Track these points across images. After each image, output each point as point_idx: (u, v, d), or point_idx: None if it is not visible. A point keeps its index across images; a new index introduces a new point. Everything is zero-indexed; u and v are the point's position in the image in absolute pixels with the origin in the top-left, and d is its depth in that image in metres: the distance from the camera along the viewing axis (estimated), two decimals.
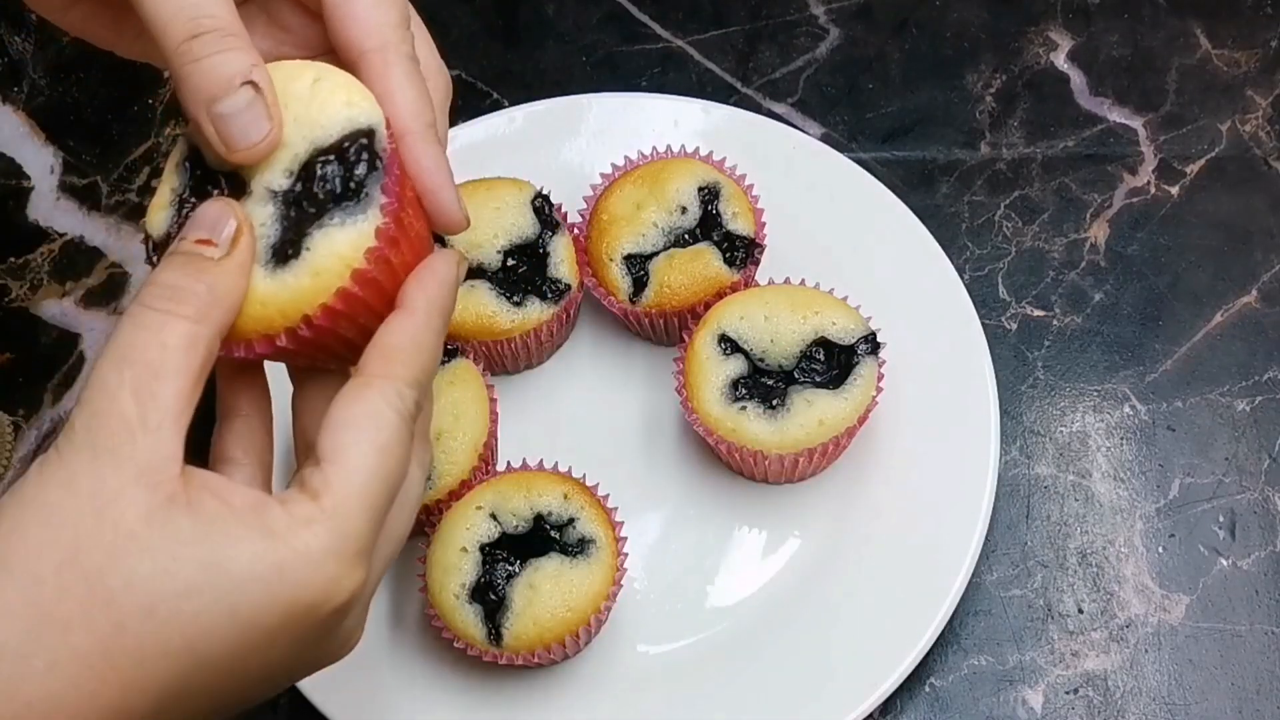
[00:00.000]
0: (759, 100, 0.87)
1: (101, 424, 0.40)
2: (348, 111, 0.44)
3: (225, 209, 0.43)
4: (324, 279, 0.43)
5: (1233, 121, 0.85)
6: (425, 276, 0.45)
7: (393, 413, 0.43)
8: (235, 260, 0.43)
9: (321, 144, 0.44)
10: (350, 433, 0.42)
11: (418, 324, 0.44)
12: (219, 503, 0.40)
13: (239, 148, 0.43)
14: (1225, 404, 0.76)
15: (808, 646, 0.68)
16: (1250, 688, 0.68)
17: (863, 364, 0.70)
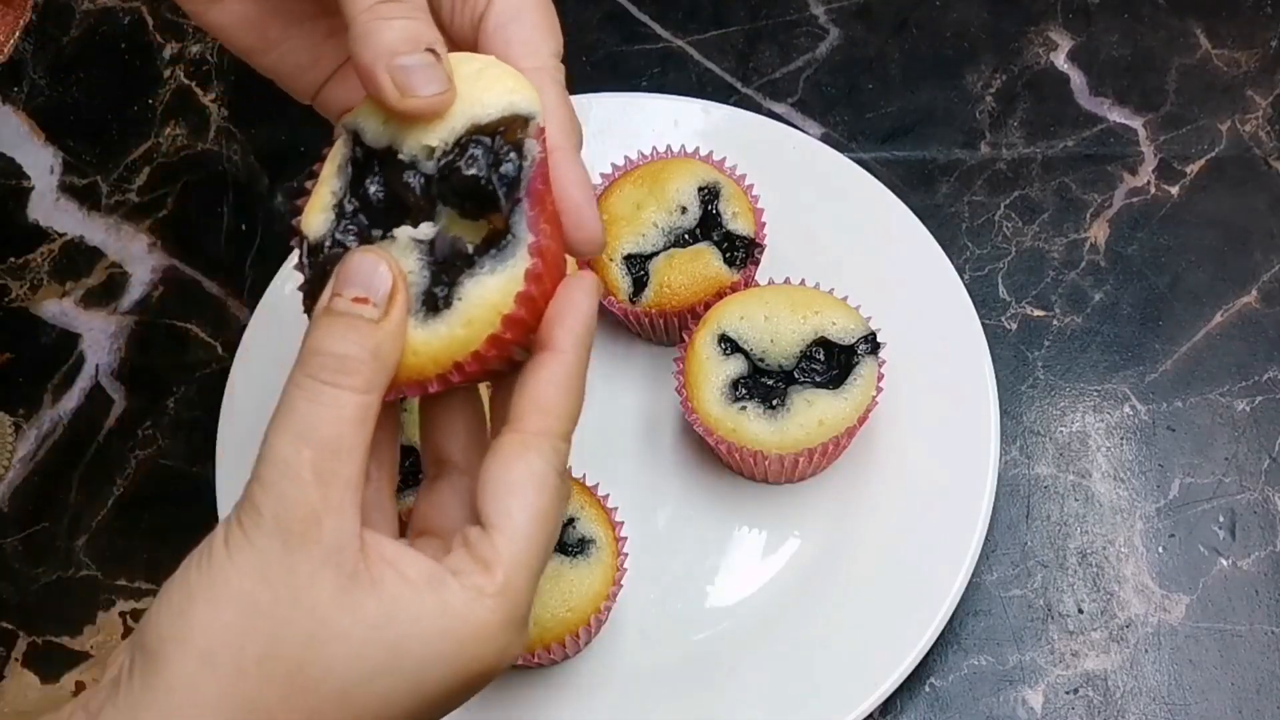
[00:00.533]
0: (759, 100, 0.87)
1: (289, 510, 0.40)
2: (510, 96, 0.44)
3: (378, 262, 0.42)
4: (476, 328, 0.43)
5: (1233, 121, 0.85)
6: (568, 313, 0.45)
7: (553, 473, 0.44)
8: (394, 320, 0.43)
9: (480, 121, 0.44)
10: (516, 499, 0.43)
11: (567, 369, 0.45)
12: (398, 578, 0.41)
13: (414, 93, 0.43)
14: (1225, 404, 0.76)
15: (808, 646, 0.68)
16: (1250, 688, 0.68)
17: (863, 364, 0.70)
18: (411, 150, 0.44)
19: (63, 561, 0.76)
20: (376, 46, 0.43)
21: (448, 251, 0.43)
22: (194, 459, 0.78)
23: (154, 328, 0.83)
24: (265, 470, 0.41)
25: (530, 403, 0.44)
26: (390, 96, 0.43)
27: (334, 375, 0.41)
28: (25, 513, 0.77)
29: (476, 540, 0.43)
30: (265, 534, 0.40)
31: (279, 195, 0.86)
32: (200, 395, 0.80)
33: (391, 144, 0.44)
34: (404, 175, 0.44)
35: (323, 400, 0.41)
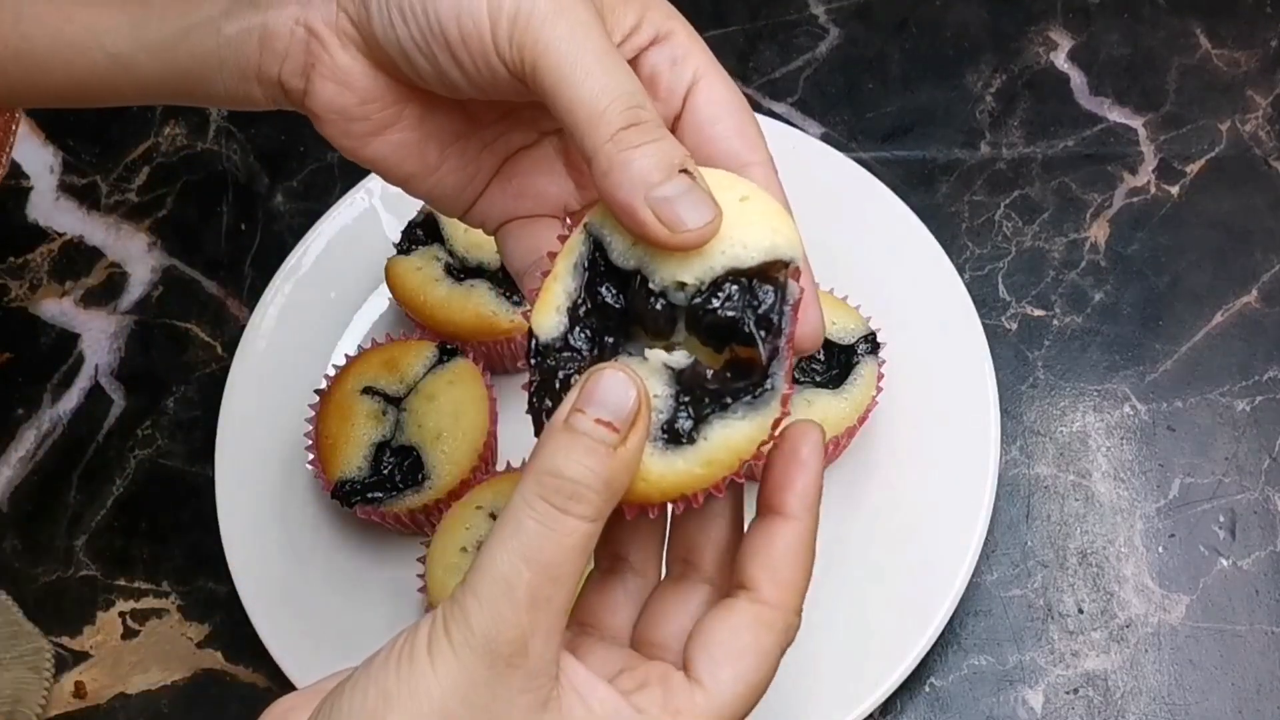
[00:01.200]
0: (759, 100, 0.87)
1: (501, 632, 0.40)
2: (774, 238, 0.41)
3: (630, 385, 0.40)
4: (715, 469, 0.42)
5: (1233, 121, 0.85)
6: (798, 475, 0.45)
7: (778, 650, 0.44)
8: (632, 449, 0.41)
9: (740, 265, 0.41)
10: (733, 667, 0.42)
11: (802, 538, 0.45)
12: (584, 711, 0.41)
13: (684, 229, 0.40)
14: (1225, 404, 0.76)
15: (808, 646, 0.68)
16: (1250, 688, 0.68)
17: (863, 364, 0.70)
18: (662, 281, 0.41)
19: (62, 561, 0.76)
20: (632, 181, 0.41)
21: (698, 384, 0.41)
22: (193, 459, 0.78)
23: (153, 327, 0.83)
24: (483, 584, 0.40)
25: (768, 572, 0.44)
26: (660, 235, 0.40)
27: (565, 501, 0.40)
28: (25, 513, 0.77)
29: (677, 687, 0.42)
30: (473, 652, 0.40)
31: (279, 195, 0.86)
32: (200, 395, 0.80)
33: (639, 268, 0.42)
34: (650, 300, 0.41)
35: (551, 524, 0.40)
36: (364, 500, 0.69)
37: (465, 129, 0.50)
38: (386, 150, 0.49)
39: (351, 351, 0.75)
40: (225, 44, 0.47)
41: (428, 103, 0.48)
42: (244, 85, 0.48)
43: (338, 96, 0.47)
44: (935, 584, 0.68)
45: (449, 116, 0.49)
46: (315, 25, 0.46)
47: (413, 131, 0.49)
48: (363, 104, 0.47)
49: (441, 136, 0.49)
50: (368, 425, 0.70)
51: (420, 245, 0.75)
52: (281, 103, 0.49)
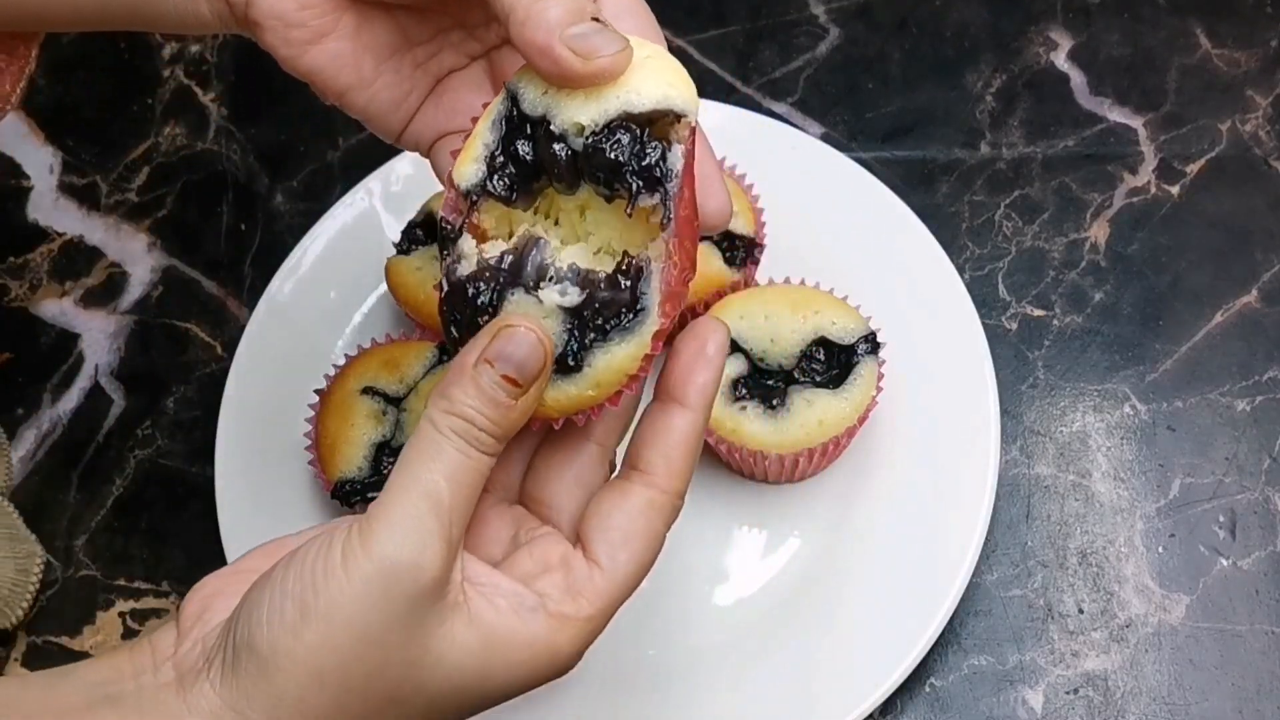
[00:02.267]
0: (759, 100, 0.87)
1: (424, 548, 0.43)
2: (667, 90, 0.46)
3: (537, 346, 0.45)
4: (603, 390, 0.46)
5: (1233, 121, 0.85)
6: (700, 368, 0.48)
7: (667, 528, 0.48)
8: (531, 398, 0.45)
9: (632, 109, 0.45)
10: (629, 550, 0.47)
11: (696, 428, 0.48)
12: (490, 608, 0.45)
13: (597, 56, 0.44)
14: (1225, 404, 0.76)
15: (808, 646, 0.68)
16: (1250, 688, 0.68)
17: (863, 364, 0.70)
18: (563, 124, 0.45)
19: (62, 561, 0.76)
20: (549, 23, 0.44)
21: (584, 318, 0.45)
22: (193, 459, 0.78)
23: (153, 327, 0.83)
24: (406, 501, 0.43)
25: (663, 459, 0.47)
26: (574, 65, 0.44)
27: (458, 440, 0.44)
28: (25, 513, 0.77)
29: (576, 569, 0.46)
30: (381, 563, 0.43)
31: (279, 195, 0.86)
32: (199, 395, 0.80)
33: (546, 114, 0.45)
34: (553, 145, 0.45)
35: (442, 457, 0.44)
36: (364, 500, 0.69)
37: (399, 44, 0.53)
38: (324, 60, 0.51)
39: (351, 351, 0.75)
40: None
41: (361, 13, 0.51)
42: (192, 3, 0.51)
43: (277, 2, 0.50)
44: (935, 584, 0.68)
45: (384, 29, 0.52)
46: None
47: (348, 41, 0.51)
48: (301, 9, 0.50)
49: (377, 49, 0.52)
50: (368, 425, 0.70)
51: (420, 245, 0.75)
52: (225, 18, 0.52)
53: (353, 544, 0.43)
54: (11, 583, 0.73)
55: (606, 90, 0.45)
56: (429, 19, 0.53)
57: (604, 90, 0.45)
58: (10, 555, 0.73)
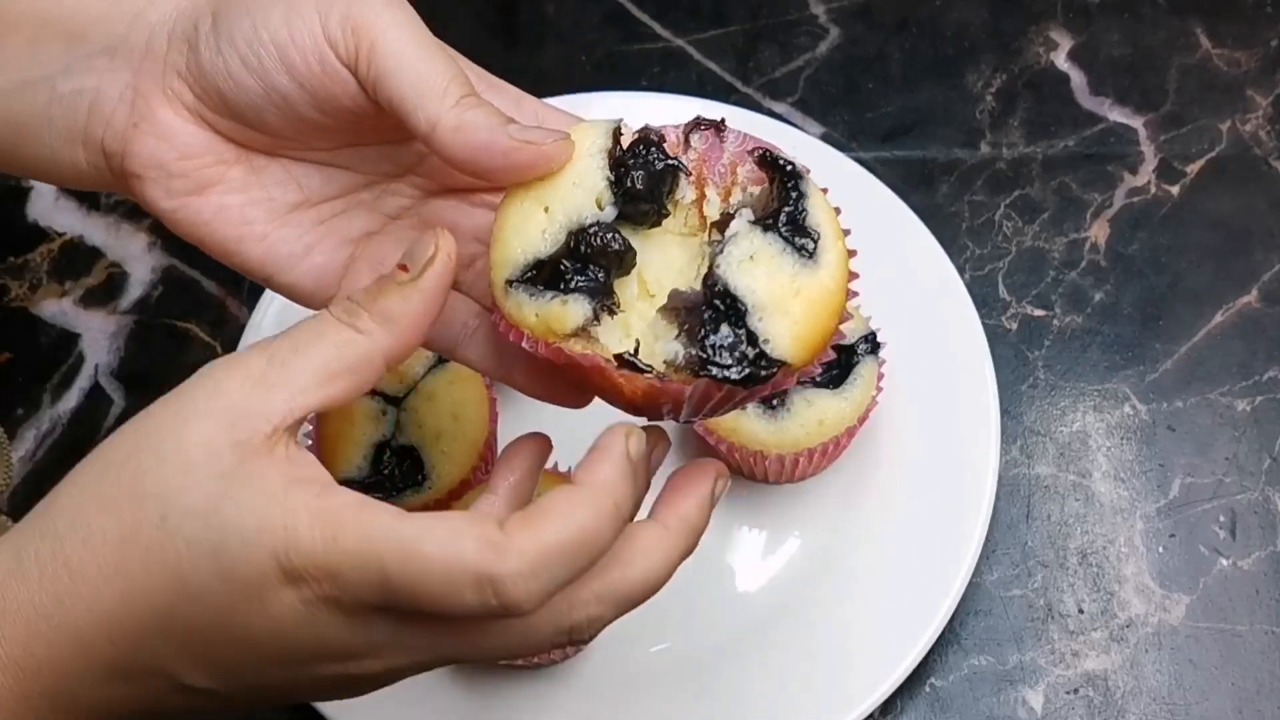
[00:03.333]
0: (759, 100, 0.87)
1: (233, 368, 0.43)
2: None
3: (429, 242, 0.45)
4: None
5: (1233, 121, 0.85)
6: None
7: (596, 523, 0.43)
8: (420, 286, 0.44)
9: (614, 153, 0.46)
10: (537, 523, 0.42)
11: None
12: (277, 469, 0.42)
13: (550, 141, 0.45)
14: (1225, 404, 0.76)
15: (808, 646, 0.68)
16: (1250, 688, 0.68)
17: (863, 364, 0.70)
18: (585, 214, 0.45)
19: None
20: (489, 123, 0.45)
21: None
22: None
23: (153, 327, 0.83)
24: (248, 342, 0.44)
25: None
26: (527, 153, 0.45)
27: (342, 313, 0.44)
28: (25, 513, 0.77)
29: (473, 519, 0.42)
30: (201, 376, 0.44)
31: None
32: None
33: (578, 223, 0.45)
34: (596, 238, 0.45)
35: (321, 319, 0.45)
36: None
37: (297, 199, 0.51)
38: (208, 212, 0.50)
39: None
40: (57, 101, 0.49)
41: (253, 167, 0.50)
42: (69, 148, 0.50)
43: (157, 151, 0.49)
44: (935, 584, 0.68)
45: (278, 185, 0.50)
46: (143, 86, 0.48)
47: (235, 195, 0.50)
48: (182, 159, 0.49)
49: (269, 204, 0.50)
50: (368, 425, 0.70)
51: None
52: (101, 170, 0.50)
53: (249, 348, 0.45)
54: None
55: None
56: (333, 176, 0.51)
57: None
58: None
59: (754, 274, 0.44)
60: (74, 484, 0.44)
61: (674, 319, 0.44)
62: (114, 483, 0.43)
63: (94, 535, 0.42)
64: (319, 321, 0.44)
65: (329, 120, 0.48)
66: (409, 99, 0.45)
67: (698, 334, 0.43)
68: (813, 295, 0.44)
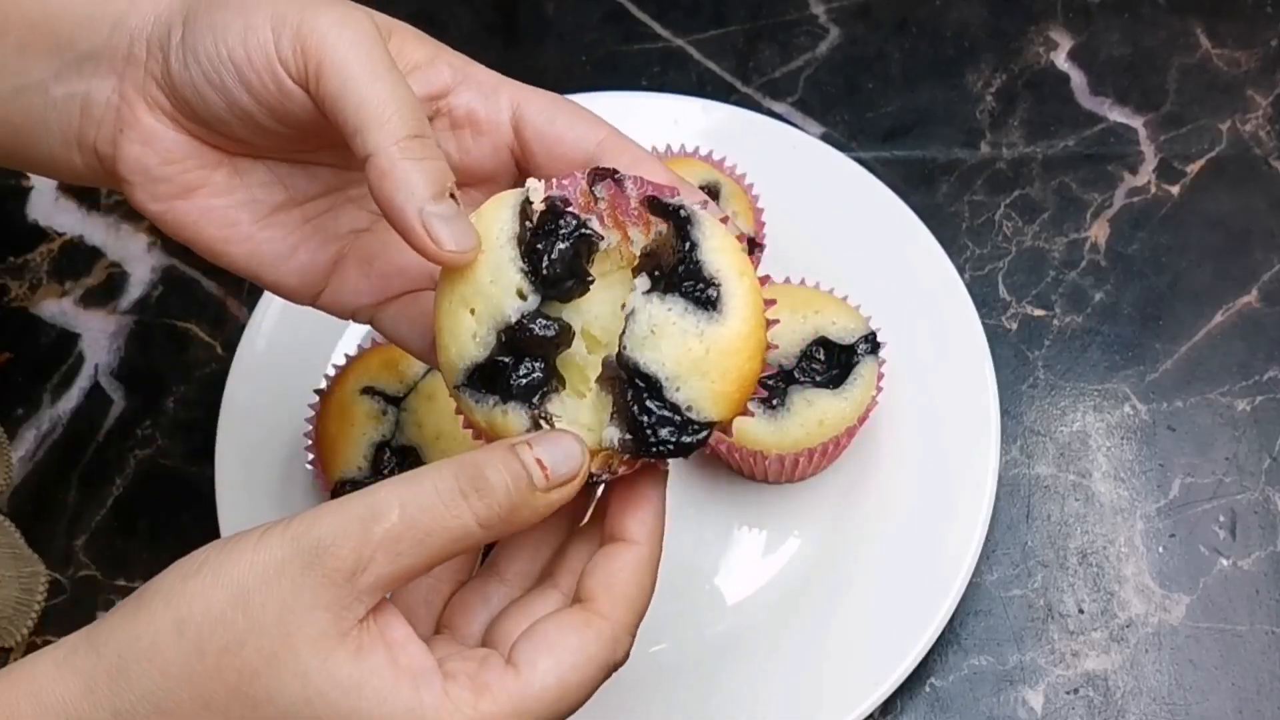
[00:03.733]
0: (759, 99, 0.87)
1: (337, 545, 0.41)
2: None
3: (578, 458, 0.44)
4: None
5: (1233, 121, 0.85)
6: (643, 507, 0.46)
7: (604, 657, 0.44)
8: (548, 500, 0.43)
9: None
10: (553, 658, 0.43)
11: (643, 561, 0.46)
12: (388, 659, 0.41)
13: (447, 248, 0.44)
14: (1225, 404, 0.76)
15: (807, 647, 0.68)
16: (1250, 688, 0.68)
17: (863, 364, 0.70)
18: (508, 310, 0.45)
19: (62, 561, 0.76)
20: (410, 191, 0.44)
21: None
22: (193, 459, 0.78)
23: (153, 327, 0.83)
24: (351, 503, 0.41)
25: (603, 587, 0.45)
26: (426, 247, 0.44)
27: (470, 488, 0.42)
28: (25, 513, 0.77)
29: (491, 664, 0.43)
30: (299, 546, 0.41)
31: None
32: (199, 395, 0.80)
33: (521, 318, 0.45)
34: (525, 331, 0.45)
35: (447, 499, 0.42)
36: None
37: (281, 199, 0.51)
38: (194, 214, 0.50)
39: (351, 351, 0.75)
40: (51, 106, 0.50)
41: (237, 169, 0.50)
42: (66, 150, 0.50)
43: (142, 156, 0.49)
44: (935, 584, 0.68)
45: (262, 186, 0.51)
46: (127, 92, 0.49)
47: (220, 198, 0.50)
48: (165, 164, 0.49)
49: (254, 206, 0.51)
50: (368, 425, 0.70)
51: None
52: (97, 171, 0.50)
53: (279, 524, 0.41)
54: (15, 602, 0.72)
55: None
56: (316, 175, 0.52)
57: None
58: (15, 575, 0.73)
59: (659, 347, 0.43)
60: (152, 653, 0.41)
61: (610, 389, 0.44)
62: (215, 677, 0.41)
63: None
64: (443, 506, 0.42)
65: (292, 132, 0.49)
66: (350, 123, 0.45)
67: (626, 416, 0.43)
68: (724, 347, 0.44)
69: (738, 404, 0.44)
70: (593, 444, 0.45)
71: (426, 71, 0.50)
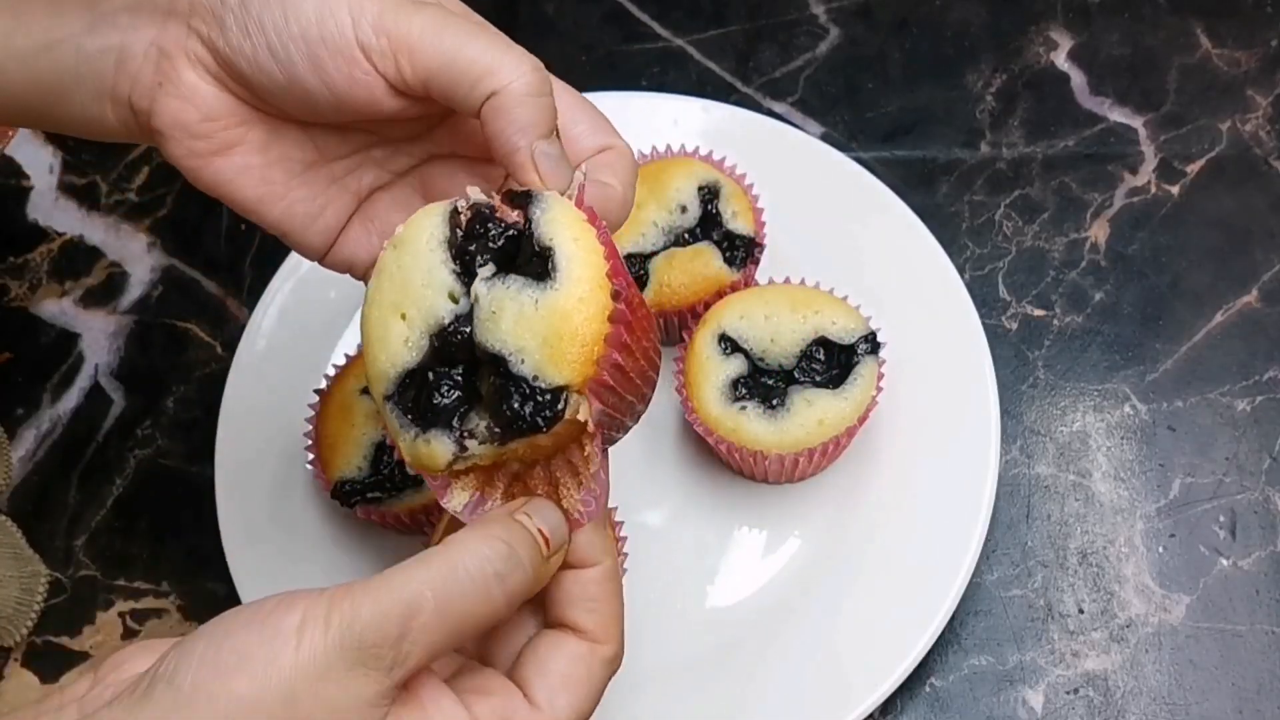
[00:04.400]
0: (759, 99, 0.87)
1: (380, 645, 0.41)
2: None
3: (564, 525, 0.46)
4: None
5: (1233, 121, 0.85)
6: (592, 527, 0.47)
7: (608, 678, 0.47)
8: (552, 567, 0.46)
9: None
10: (570, 694, 0.45)
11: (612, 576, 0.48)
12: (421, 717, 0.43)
13: (555, 185, 0.46)
14: (1225, 404, 0.76)
15: (808, 646, 0.68)
16: (1250, 688, 0.68)
17: (863, 364, 0.70)
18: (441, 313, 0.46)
19: (62, 561, 0.76)
20: (526, 126, 0.46)
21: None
22: (193, 459, 0.78)
23: (153, 327, 0.83)
24: (386, 596, 0.41)
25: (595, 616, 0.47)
26: (534, 181, 0.46)
27: (505, 582, 0.43)
28: (25, 513, 0.77)
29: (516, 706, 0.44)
30: (343, 647, 0.41)
31: None
32: (199, 395, 0.80)
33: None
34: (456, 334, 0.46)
35: (483, 591, 0.43)
36: (364, 500, 0.69)
37: (313, 158, 0.52)
38: (230, 172, 0.50)
39: (351, 351, 0.75)
40: (84, 60, 0.49)
41: (273, 128, 0.50)
42: (99, 105, 0.50)
43: (180, 112, 0.49)
44: (935, 584, 0.68)
45: (295, 144, 0.51)
46: (167, 46, 0.48)
47: (256, 156, 0.50)
48: (205, 120, 0.49)
49: (287, 164, 0.51)
50: (368, 425, 0.70)
51: None
52: (130, 126, 0.50)
53: (316, 613, 0.41)
54: (16, 601, 0.73)
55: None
56: (348, 136, 0.52)
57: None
58: (15, 575, 0.73)
59: (501, 326, 0.44)
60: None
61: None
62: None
63: None
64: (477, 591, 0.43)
65: (345, 119, 0.49)
66: (466, 79, 0.46)
67: (490, 403, 0.44)
68: (558, 309, 0.44)
69: (584, 364, 0.44)
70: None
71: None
